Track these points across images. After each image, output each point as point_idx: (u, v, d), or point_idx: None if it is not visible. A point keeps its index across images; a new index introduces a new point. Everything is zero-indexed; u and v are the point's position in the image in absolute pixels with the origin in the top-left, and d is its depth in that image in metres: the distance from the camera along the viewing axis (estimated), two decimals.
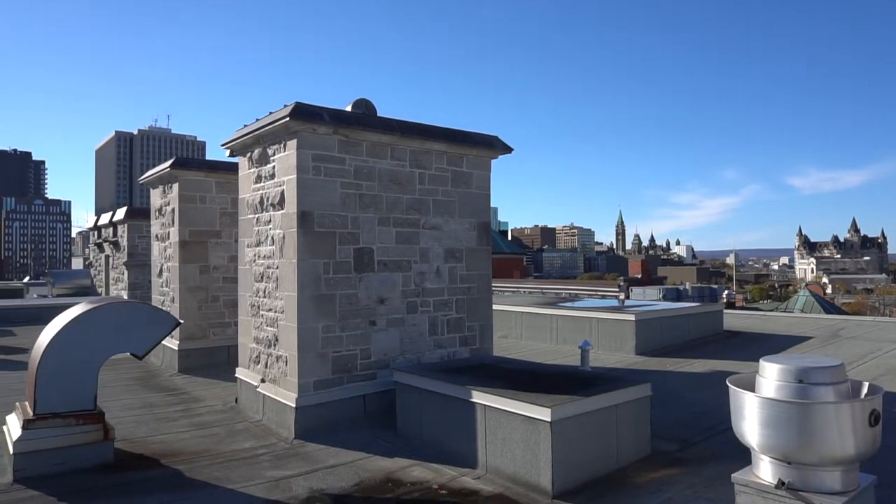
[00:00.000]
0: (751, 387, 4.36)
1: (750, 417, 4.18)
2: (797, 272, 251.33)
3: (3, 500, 5.20)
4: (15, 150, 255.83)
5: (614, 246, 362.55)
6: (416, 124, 8.10)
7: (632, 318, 12.50)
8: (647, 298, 21.35)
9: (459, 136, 8.53)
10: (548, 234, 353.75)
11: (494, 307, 9.32)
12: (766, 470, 4.21)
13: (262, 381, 7.84)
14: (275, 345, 7.60)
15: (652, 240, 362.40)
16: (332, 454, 6.42)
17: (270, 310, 7.74)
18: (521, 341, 14.35)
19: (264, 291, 7.91)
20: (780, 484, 4.07)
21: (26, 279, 49.28)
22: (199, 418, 7.97)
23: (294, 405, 6.98)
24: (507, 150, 9.07)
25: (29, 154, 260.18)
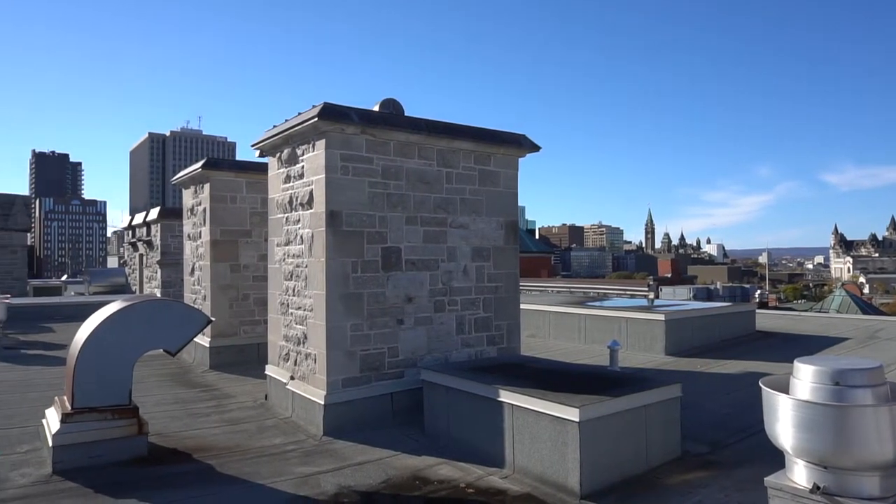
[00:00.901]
0: (785, 389, 4.26)
1: (784, 420, 4.09)
2: (833, 271, 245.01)
3: (42, 492, 5.36)
4: (53, 152, 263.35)
5: (643, 245, 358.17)
6: (444, 123, 8.11)
7: (661, 317, 12.33)
8: (677, 298, 21.05)
9: (487, 134, 8.51)
10: (576, 232, 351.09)
11: (522, 306, 9.28)
12: (800, 474, 4.11)
13: (292, 378, 7.94)
14: (304, 342, 7.68)
15: (682, 238, 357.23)
16: (360, 451, 6.47)
17: (299, 308, 7.83)
18: (549, 341, 14.26)
19: (293, 290, 8.01)
20: (816, 488, 3.97)
21: (64, 277, 50.68)
22: (229, 414, 8.10)
23: (322, 402, 7.05)
24: (535, 148, 9.03)
25: (66, 156, 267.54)
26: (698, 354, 12.09)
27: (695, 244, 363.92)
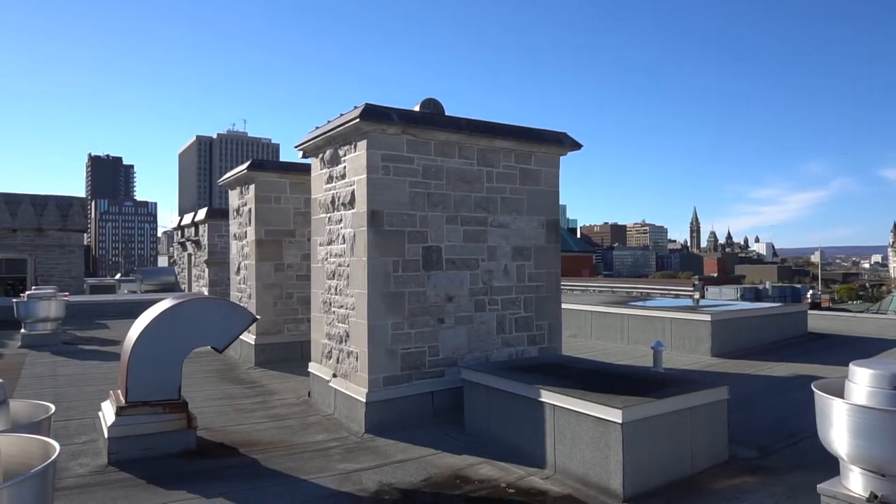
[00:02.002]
0: (839, 393, 4.11)
1: (838, 425, 3.94)
2: (891, 271, 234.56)
3: (98, 481, 5.58)
4: (107, 156, 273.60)
5: (688, 244, 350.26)
6: (484, 122, 8.10)
7: (707, 318, 12.04)
8: (724, 298, 20.53)
9: (527, 133, 8.46)
10: (618, 231, 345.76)
11: (563, 306, 9.20)
12: (856, 481, 3.96)
13: (334, 375, 8.05)
14: (346, 341, 7.79)
15: (729, 237, 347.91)
16: (401, 449, 6.52)
17: (342, 307, 7.93)
18: (591, 341, 14.09)
19: (336, 289, 8.12)
20: (873, 497, 3.82)
21: (118, 276, 52.60)
22: (274, 410, 8.27)
23: (364, 400, 7.13)
24: (577, 146, 8.93)
25: (120, 159, 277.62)
26: (746, 356, 11.76)
27: (742, 243, 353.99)
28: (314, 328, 8.91)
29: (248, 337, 11.72)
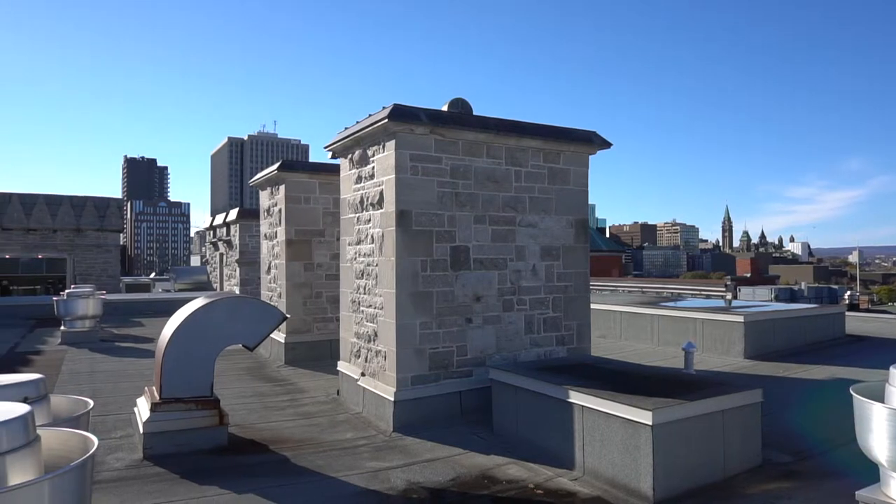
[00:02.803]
0: (879, 397, 4.00)
1: (878, 431, 3.83)
2: None
3: (134, 475, 5.72)
4: (142, 158, 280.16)
5: (720, 243, 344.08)
6: (512, 122, 8.07)
7: (740, 319, 11.81)
8: (758, 298, 20.13)
9: (556, 132, 8.41)
10: (648, 231, 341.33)
11: (592, 306, 9.12)
12: None
13: (363, 374, 8.12)
14: (374, 340, 7.84)
15: (762, 236, 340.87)
16: (429, 448, 6.54)
17: (370, 306, 7.99)
18: (620, 341, 13.94)
19: (364, 288, 8.18)
20: None
21: (152, 275, 53.82)
22: (303, 408, 8.37)
23: (392, 399, 7.17)
24: (606, 145, 8.84)
25: (154, 161, 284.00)
26: (781, 359, 11.50)
27: (776, 242, 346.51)
28: (343, 327, 8.99)
29: (279, 335, 11.87)
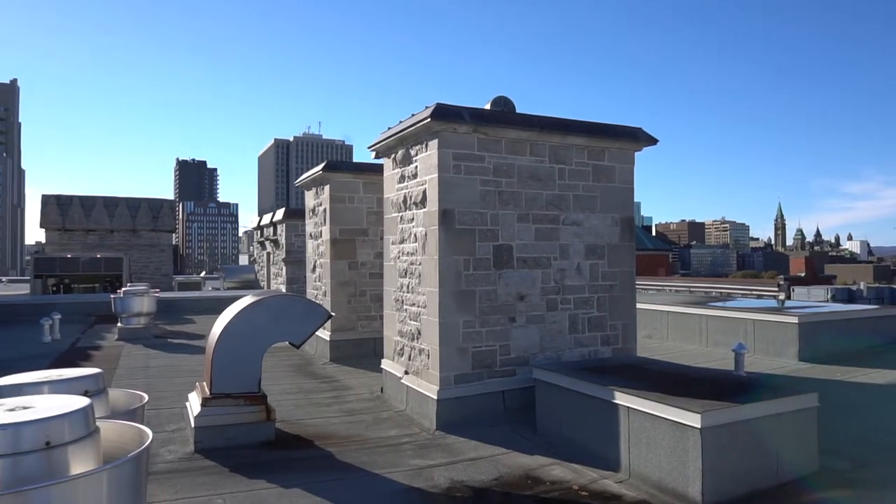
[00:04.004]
0: None
1: None
2: None
3: (186, 467, 5.90)
4: (193, 160, 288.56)
5: (772, 241, 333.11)
6: (556, 119, 7.99)
7: (794, 320, 11.39)
8: (813, 299, 19.39)
9: (600, 129, 8.28)
10: (696, 229, 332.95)
11: (638, 306, 8.95)
12: None
13: (406, 372, 8.17)
14: (417, 338, 7.88)
15: (818, 234, 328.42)
16: (472, 447, 6.53)
17: (413, 304, 8.03)
18: (667, 342, 13.64)
19: (408, 287, 8.23)
20: None
21: (203, 274, 55.45)
22: (348, 405, 8.48)
23: (436, 397, 7.19)
24: (652, 141, 8.66)
25: (204, 162, 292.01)
26: (838, 362, 11.04)
27: (833, 240, 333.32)
28: (387, 325, 9.06)
29: (324, 333, 12.06)
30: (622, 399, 5.79)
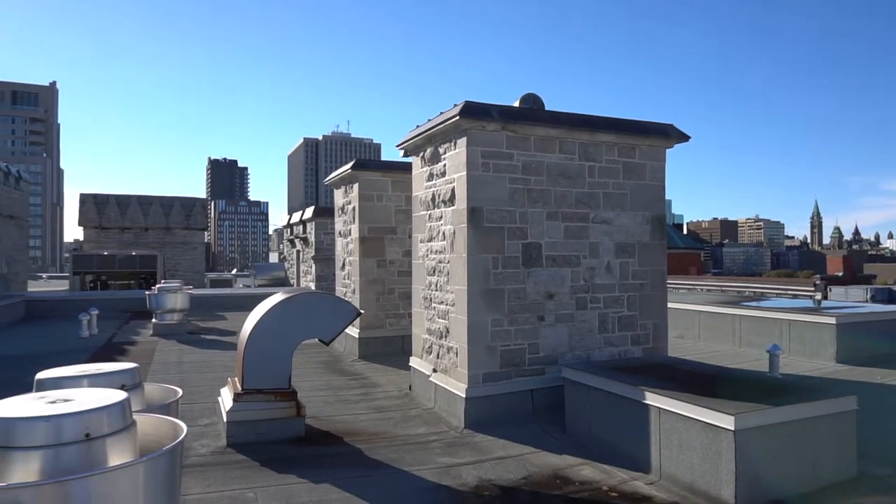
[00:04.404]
0: None
1: None
2: None
3: (218, 461, 6.01)
4: (225, 159, 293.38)
5: (808, 240, 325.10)
6: (585, 116, 7.91)
7: (832, 320, 11.10)
8: (851, 299, 18.88)
9: (631, 125, 8.18)
10: (728, 227, 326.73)
11: (669, 305, 8.82)
12: None
13: (434, 370, 8.18)
14: (446, 336, 7.88)
15: (856, 233, 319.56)
16: (500, 446, 6.51)
17: (442, 302, 8.04)
18: (699, 342, 13.42)
19: (436, 285, 8.24)
20: None
21: (234, 271, 56.35)
22: (376, 402, 8.53)
23: (464, 396, 7.19)
24: (684, 138, 8.52)
25: (235, 162, 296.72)
26: (877, 364, 10.72)
27: (873, 239, 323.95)
28: (415, 323, 9.09)
29: (353, 330, 12.15)
30: (653, 399, 5.71)
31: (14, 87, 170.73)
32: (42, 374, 3.80)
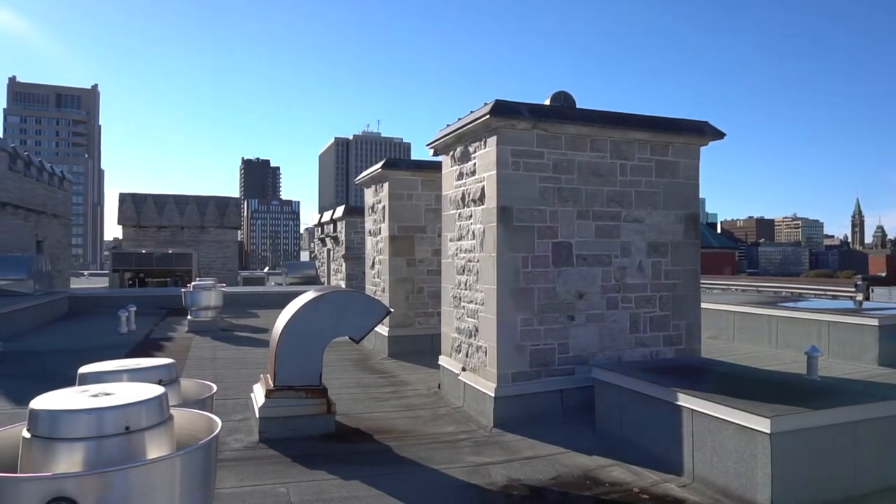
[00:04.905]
0: None
1: None
2: None
3: (251, 456, 6.12)
4: (258, 159, 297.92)
5: (849, 239, 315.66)
6: (617, 114, 7.82)
7: (874, 322, 10.77)
8: (895, 300, 18.25)
9: (664, 123, 8.06)
10: (764, 225, 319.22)
11: (703, 305, 8.67)
12: None
13: (463, 369, 8.19)
14: (475, 335, 7.88)
15: None
16: (529, 446, 6.49)
17: (471, 301, 8.04)
18: (733, 343, 13.15)
19: (465, 284, 8.25)
20: None
21: (266, 269, 57.21)
22: (406, 400, 8.58)
23: (493, 395, 7.18)
24: (719, 135, 8.36)
25: (268, 161, 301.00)
26: None
27: None
28: (444, 322, 9.11)
29: (382, 329, 12.23)
30: (686, 401, 5.63)
31: (59, 91, 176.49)
32: (84, 369, 3.92)
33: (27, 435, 2.72)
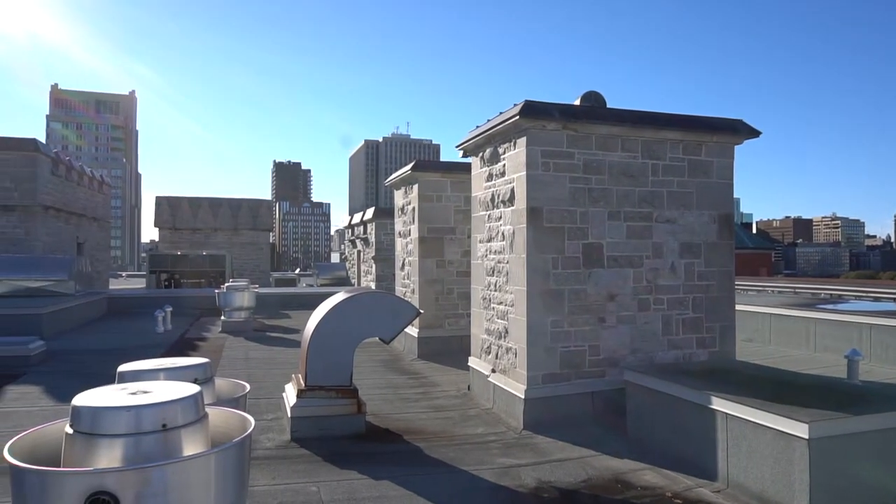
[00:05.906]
0: None
1: None
2: None
3: (283, 455, 6.20)
4: (289, 161, 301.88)
5: (892, 239, 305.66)
6: (649, 113, 7.73)
7: None
8: None
9: (697, 122, 7.93)
10: (801, 226, 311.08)
11: (737, 307, 8.50)
12: None
13: (493, 371, 8.17)
14: (505, 337, 7.86)
15: None
16: (559, 448, 6.45)
17: (501, 303, 8.02)
18: (769, 346, 12.86)
19: (495, 285, 8.23)
20: None
21: (297, 271, 57.95)
22: (436, 401, 8.60)
23: (523, 396, 7.15)
24: (754, 133, 8.19)
25: (299, 164, 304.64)
26: None
27: None
28: (474, 323, 9.10)
29: (412, 330, 12.27)
30: (720, 405, 5.52)
31: (98, 97, 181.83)
32: (123, 367, 4.03)
33: (70, 431, 2.81)
